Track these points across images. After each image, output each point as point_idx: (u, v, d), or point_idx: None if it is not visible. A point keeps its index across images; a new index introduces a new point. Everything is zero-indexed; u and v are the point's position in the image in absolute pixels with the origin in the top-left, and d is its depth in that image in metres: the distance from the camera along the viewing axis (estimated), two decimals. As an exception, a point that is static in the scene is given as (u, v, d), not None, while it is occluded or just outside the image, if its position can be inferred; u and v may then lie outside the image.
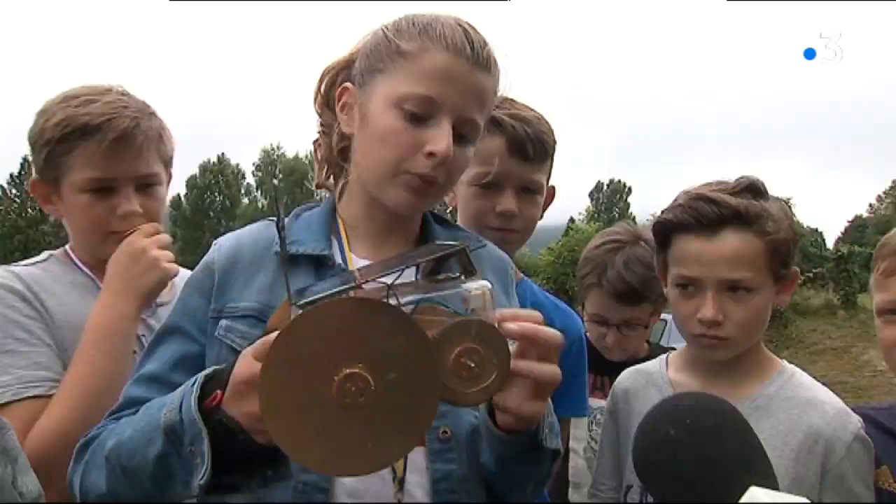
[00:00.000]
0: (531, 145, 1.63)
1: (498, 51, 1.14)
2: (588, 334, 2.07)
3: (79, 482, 1.04)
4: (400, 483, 1.06)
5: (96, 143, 1.45)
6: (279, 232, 0.92)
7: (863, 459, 1.29)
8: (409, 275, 0.96)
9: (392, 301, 0.82)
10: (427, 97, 1.07)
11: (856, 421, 1.31)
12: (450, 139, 1.07)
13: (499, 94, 1.18)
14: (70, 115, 1.47)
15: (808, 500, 0.85)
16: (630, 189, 75.00)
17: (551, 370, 0.90)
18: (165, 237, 1.54)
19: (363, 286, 0.85)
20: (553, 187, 1.80)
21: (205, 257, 1.19)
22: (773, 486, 0.91)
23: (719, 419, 0.98)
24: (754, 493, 0.90)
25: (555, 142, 1.73)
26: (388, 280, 0.85)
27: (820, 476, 1.28)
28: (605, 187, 75.70)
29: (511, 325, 0.87)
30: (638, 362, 1.64)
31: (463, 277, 0.90)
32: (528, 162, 1.65)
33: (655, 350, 2.08)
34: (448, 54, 1.07)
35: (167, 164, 1.61)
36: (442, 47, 1.08)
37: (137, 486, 0.97)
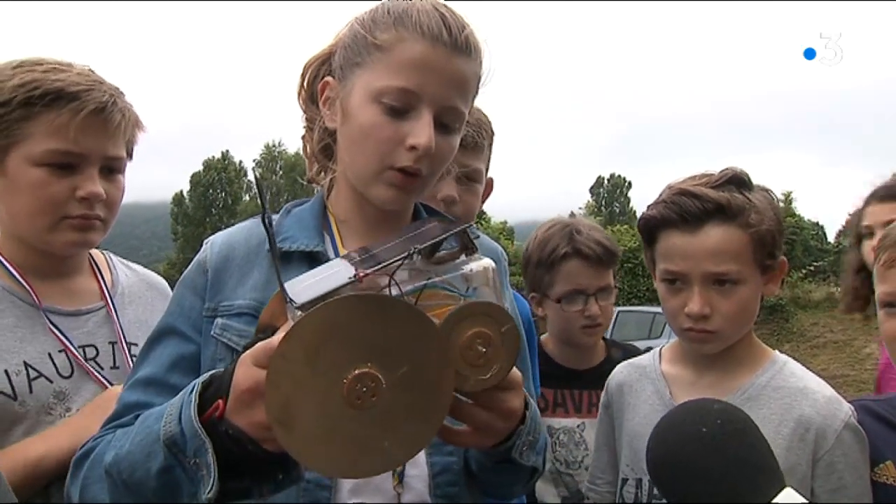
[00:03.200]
0: (471, 134, 1.68)
1: (479, 33, 1.11)
2: (554, 326, 2.02)
3: (77, 495, 1.02)
4: (400, 477, 1.06)
5: (70, 113, 1.30)
6: (266, 228, 0.88)
7: (853, 448, 1.29)
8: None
9: (394, 290, 0.79)
10: (405, 89, 1.05)
11: (846, 409, 1.31)
12: (431, 131, 1.05)
13: (483, 78, 1.15)
14: (38, 78, 1.31)
15: None
16: (630, 184, 74.92)
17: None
18: None
19: (364, 279, 0.80)
20: (491, 179, 1.84)
21: (197, 256, 1.18)
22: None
23: (745, 424, 0.99)
24: (791, 494, 0.92)
25: (492, 132, 1.78)
26: (388, 264, 0.81)
27: (811, 465, 1.29)
28: (605, 182, 75.56)
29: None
30: (604, 366, 1.63)
31: (463, 256, 0.87)
32: (466, 149, 1.67)
33: (611, 348, 2.06)
34: (424, 43, 1.05)
35: (130, 153, 1.48)
36: (418, 36, 1.05)
37: (142, 498, 0.94)
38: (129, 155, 1.47)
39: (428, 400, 0.75)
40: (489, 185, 1.85)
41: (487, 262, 0.86)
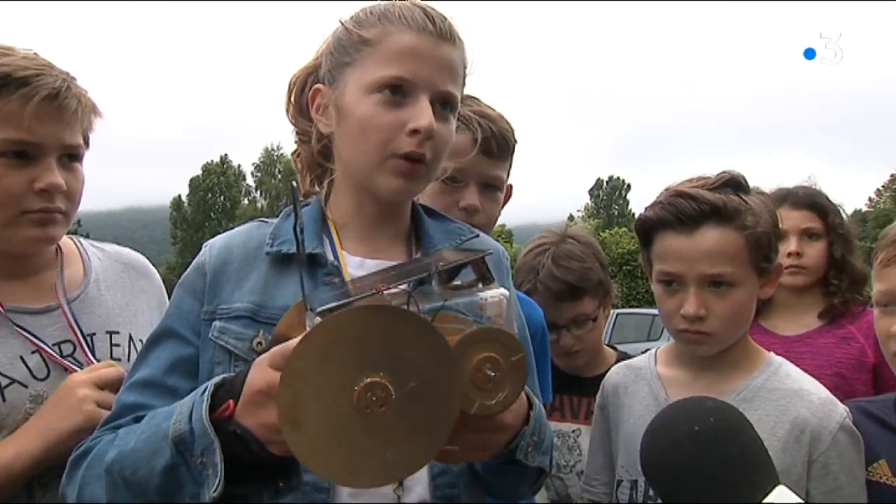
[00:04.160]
0: (495, 142, 1.68)
1: (460, 24, 1.15)
2: None
3: (75, 495, 1.01)
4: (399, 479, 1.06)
5: (21, 99, 1.22)
6: (296, 235, 0.89)
7: (849, 449, 1.30)
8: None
9: (412, 307, 0.81)
10: (400, 77, 1.08)
11: (842, 411, 1.32)
12: (430, 113, 1.07)
13: (468, 67, 1.19)
14: None
15: None
16: (629, 186, 74.99)
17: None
18: (109, 374, 1.28)
19: (383, 293, 0.82)
20: (511, 186, 1.83)
21: (196, 259, 1.18)
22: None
23: (738, 421, 1.00)
24: (783, 492, 0.92)
25: (516, 140, 1.77)
26: (405, 286, 0.84)
27: (807, 466, 1.29)
28: (604, 184, 75.63)
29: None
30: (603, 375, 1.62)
31: (480, 285, 0.89)
32: (492, 158, 1.69)
33: (622, 357, 2.02)
34: (412, 32, 1.09)
35: (87, 142, 1.39)
36: (404, 27, 1.09)
37: (141, 498, 0.94)
38: (87, 143, 1.39)
39: (434, 417, 0.76)
40: (508, 192, 1.84)
41: (503, 292, 0.87)
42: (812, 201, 2.25)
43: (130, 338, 1.44)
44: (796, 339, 2.19)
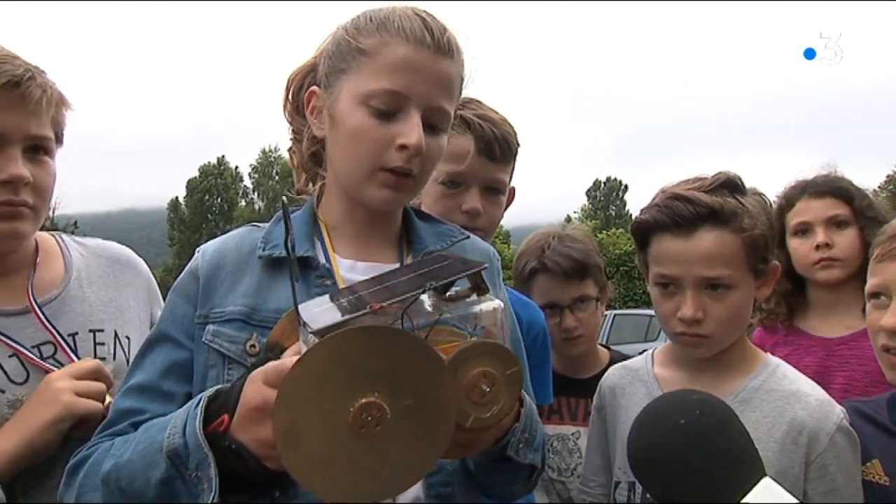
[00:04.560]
0: (498, 145, 1.68)
1: (459, 36, 1.14)
2: None
3: (73, 501, 1.02)
4: None
5: None
6: (287, 246, 0.89)
7: (846, 450, 1.30)
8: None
9: (406, 324, 0.81)
10: (393, 91, 1.07)
11: (839, 412, 1.32)
12: (420, 130, 1.07)
13: (465, 79, 1.18)
14: None
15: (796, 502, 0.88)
16: (626, 187, 75.06)
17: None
18: (85, 365, 1.25)
19: (376, 308, 0.82)
20: (513, 188, 1.84)
21: (189, 264, 1.19)
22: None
23: (724, 414, 1.00)
24: (769, 484, 0.92)
25: (518, 143, 1.78)
26: (403, 298, 0.84)
27: (804, 467, 1.29)
28: (602, 185, 75.72)
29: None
30: (599, 376, 1.62)
31: (474, 295, 0.89)
32: (495, 162, 1.69)
33: (614, 356, 2.04)
34: (409, 45, 1.08)
35: (59, 137, 1.34)
36: (402, 39, 1.08)
37: None
38: (59, 139, 1.35)
39: (429, 433, 0.77)
40: (511, 194, 1.84)
41: (497, 303, 0.88)
42: (834, 187, 2.07)
43: (116, 335, 1.41)
44: (838, 341, 2.00)
